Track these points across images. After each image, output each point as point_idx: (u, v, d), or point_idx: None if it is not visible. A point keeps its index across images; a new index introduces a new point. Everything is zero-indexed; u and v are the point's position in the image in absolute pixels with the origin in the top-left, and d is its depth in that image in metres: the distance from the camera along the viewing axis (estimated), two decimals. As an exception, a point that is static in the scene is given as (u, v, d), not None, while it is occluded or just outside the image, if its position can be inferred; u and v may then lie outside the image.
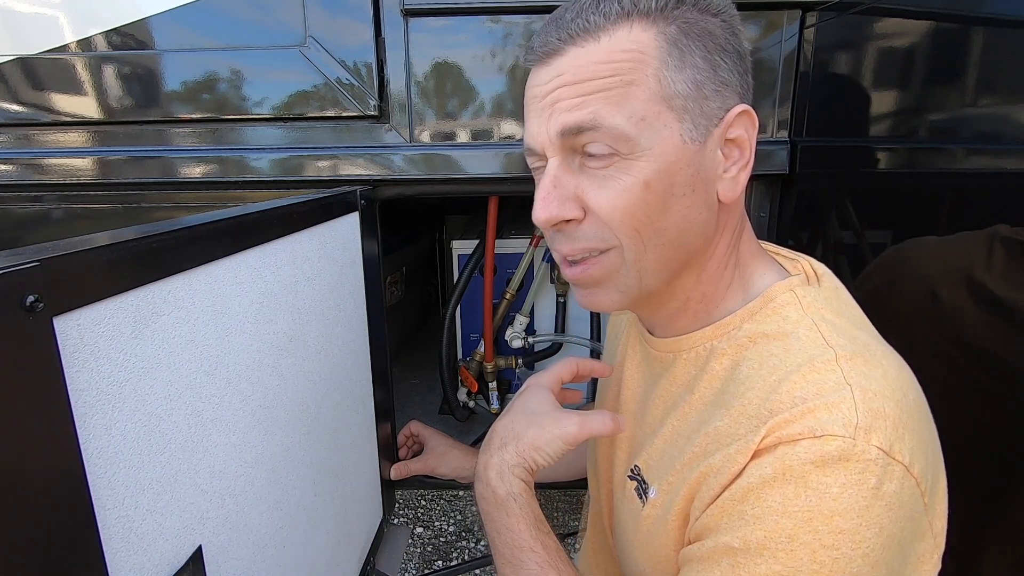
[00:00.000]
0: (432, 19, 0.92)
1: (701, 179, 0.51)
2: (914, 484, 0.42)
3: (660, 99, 0.48)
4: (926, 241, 0.67)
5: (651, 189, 0.49)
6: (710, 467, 0.48)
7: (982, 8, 0.62)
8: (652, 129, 0.48)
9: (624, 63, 0.48)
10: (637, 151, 0.48)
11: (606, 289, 0.54)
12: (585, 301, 0.57)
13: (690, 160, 0.50)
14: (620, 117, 0.48)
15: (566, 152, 0.51)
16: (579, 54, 0.49)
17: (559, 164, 0.52)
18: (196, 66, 0.95)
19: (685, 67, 0.48)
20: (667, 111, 0.48)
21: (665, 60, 0.48)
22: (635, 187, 0.49)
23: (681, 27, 0.48)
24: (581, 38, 0.49)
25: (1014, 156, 0.55)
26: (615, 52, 0.48)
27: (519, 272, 1.26)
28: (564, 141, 0.50)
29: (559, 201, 0.51)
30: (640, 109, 0.48)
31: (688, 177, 0.50)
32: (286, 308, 0.64)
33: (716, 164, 0.52)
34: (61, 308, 0.34)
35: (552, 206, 0.51)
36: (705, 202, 0.52)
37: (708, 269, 0.55)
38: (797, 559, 0.41)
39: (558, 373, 0.68)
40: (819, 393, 0.43)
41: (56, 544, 0.34)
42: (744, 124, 0.51)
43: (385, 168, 0.96)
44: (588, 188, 0.51)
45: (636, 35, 0.48)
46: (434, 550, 1.77)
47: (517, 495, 0.59)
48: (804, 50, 0.90)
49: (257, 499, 0.58)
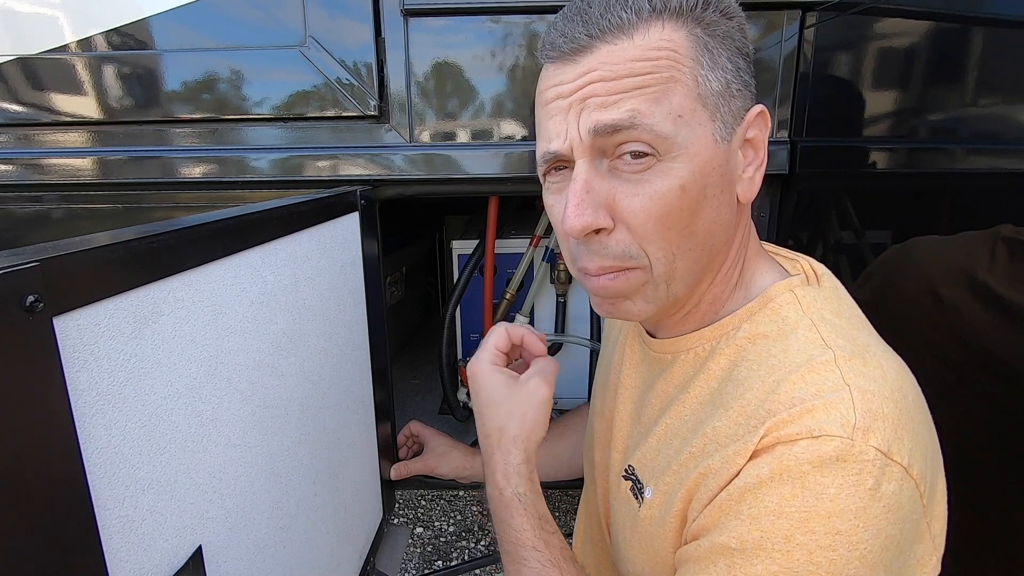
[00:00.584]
0: (432, 19, 0.92)
1: (727, 180, 0.51)
2: (913, 485, 0.42)
3: (696, 97, 0.48)
4: (927, 241, 0.67)
5: (687, 193, 0.48)
6: (708, 468, 0.47)
7: (982, 8, 0.62)
8: (688, 127, 0.47)
9: (661, 61, 0.47)
10: (674, 151, 0.47)
11: (633, 300, 0.53)
12: (609, 311, 0.55)
13: (721, 161, 0.49)
14: (659, 115, 0.46)
15: (596, 154, 0.49)
16: (612, 51, 0.47)
17: (588, 168, 0.49)
18: (196, 66, 0.95)
19: (716, 67, 0.48)
20: (702, 109, 0.48)
21: (699, 59, 0.48)
22: (672, 192, 0.47)
23: (707, 29, 0.49)
24: (612, 35, 0.47)
25: (1015, 156, 0.55)
26: (650, 50, 0.47)
27: (519, 272, 1.26)
28: (596, 141, 0.48)
29: (593, 208, 0.48)
30: (677, 106, 0.47)
31: (719, 178, 0.49)
32: (286, 308, 0.64)
33: (737, 164, 0.52)
34: (61, 308, 0.34)
35: (587, 213, 0.48)
36: (729, 203, 0.51)
37: (723, 271, 0.55)
38: (793, 559, 0.41)
39: (494, 346, 0.69)
40: (817, 394, 0.43)
41: (56, 544, 0.34)
42: (760, 124, 0.52)
43: (385, 168, 0.95)
44: (621, 193, 0.48)
45: (668, 34, 0.47)
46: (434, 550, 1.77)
47: (523, 495, 0.60)
48: (804, 50, 0.90)
49: (257, 499, 0.58)
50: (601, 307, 0.55)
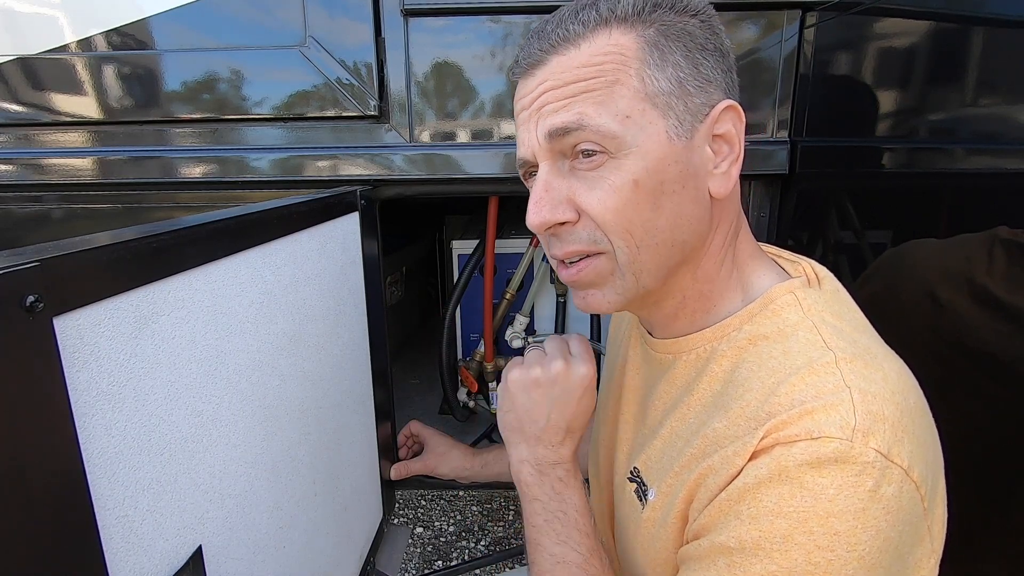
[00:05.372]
0: (432, 19, 0.92)
1: (691, 175, 0.51)
2: (913, 488, 0.42)
3: (644, 97, 0.49)
4: (926, 243, 0.67)
5: (641, 186, 0.50)
6: (708, 468, 0.48)
7: (982, 8, 0.62)
8: (637, 126, 0.49)
9: (606, 64, 0.49)
10: (624, 149, 0.49)
11: (602, 290, 0.55)
12: (583, 304, 0.57)
13: (677, 156, 0.50)
14: (605, 116, 0.49)
15: (556, 156, 0.52)
16: (561, 61, 0.50)
17: (549, 169, 0.53)
18: (196, 66, 0.95)
19: (666, 65, 0.50)
20: (651, 108, 0.49)
21: (646, 59, 0.49)
22: (625, 185, 0.50)
23: (659, 29, 0.50)
24: (562, 46, 0.50)
25: (1014, 156, 0.55)
26: (596, 55, 0.49)
27: (519, 272, 1.26)
28: (553, 145, 0.51)
29: (551, 205, 0.52)
30: (625, 107, 0.49)
31: (677, 173, 0.51)
32: (286, 308, 0.64)
33: (705, 160, 0.52)
34: (61, 308, 0.34)
35: (544, 210, 0.52)
36: (695, 198, 0.52)
37: (704, 267, 0.55)
38: (792, 560, 0.41)
39: None
40: (818, 395, 0.43)
41: (56, 544, 0.34)
42: (731, 119, 0.52)
43: (385, 168, 0.95)
44: (579, 190, 0.52)
45: (616, 39, 0.49)
46: (434, 550, 1.77)
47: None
48: (804, 50, 0.90)
49: (257, 499, 0.58)
50: (576, 300, 0.59)
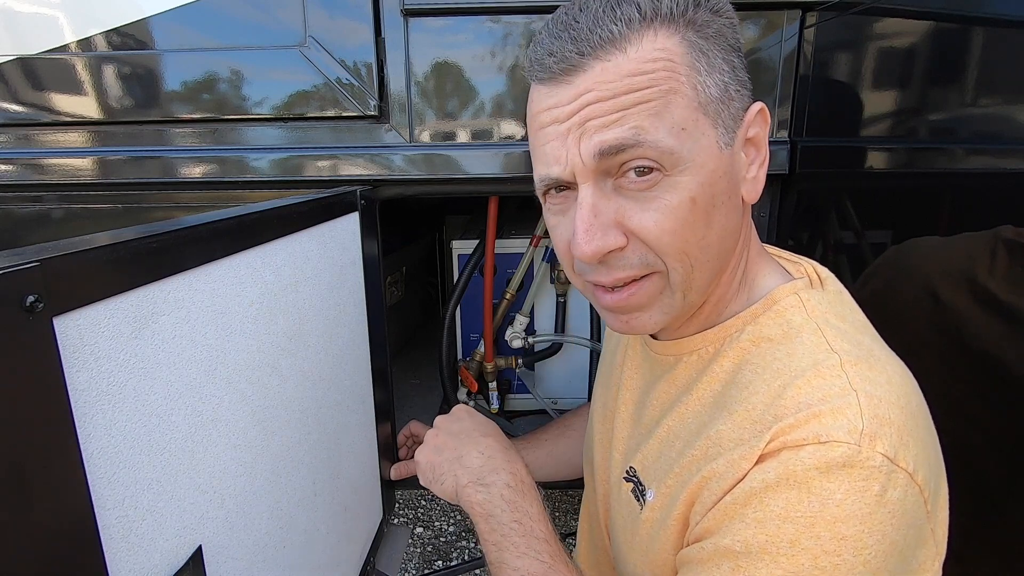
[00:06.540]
0: (432, 19, 0.92)
1: (734, 185, 0.50)
2: (917, 491, 0.42)
3: (697, 106, 0.46)
4: (927, 242, 0.67)
5: (698, 204, 0.47)
6: (712, 471, 0.47)
7: (982, 8, 0.62)
8: (692, 139, 0.46)
9: (658, 72, 0.45)
10: (680, 164, 0.46)
11: (648, 312, 0.52)
12: (624, 327, 0.53)
13: (726, 167, 0.48)
14: (663, 130, 0.45)
15: (600, 176, 0.47)
16: (606, 68, 0.45)
17: (594, 191, 0.47)
18: (196, 66, 0.95)
19: (713, 71, 0.47)
20: (704, 118, 0.46)
21: (695, 65, 0.46)
22: (683, 204, 0.46)
23: (699, 30, 0.47)
24: (604, 50, 0.45)
25: (1015, 156, 0.55)
26: (645, 62, 0.45)
27: (519, 272, 1.26)
28: (600, 163, 0.46)
29: (603, 231, 0.47)
30: (680, 119, 0.45)
31: (725, 186, 0.48)
32: (286, 308, 0.64)
33: (740, 167, 0.51)
34: (61, 308, 0.34)
35: (596, 238, 0.47)
36: (736, 207, 0.50)
37: (727, 273, 0.54)
38: (798, 564, 0.41)
39: None
40: (824, 398, 0.43)
41: (56, 544, 0.34)
42: (759, 122, 0.51)
43: (385, 168, 0.95)
44: (630, 211, 0.47)
45: (662, 42, 0.45)
46: (434, 550, 1.77)
47: None
48: (804, 50, 0.90)
49: (257, 499, 0.58)
50: (615, 323, 0.54)
